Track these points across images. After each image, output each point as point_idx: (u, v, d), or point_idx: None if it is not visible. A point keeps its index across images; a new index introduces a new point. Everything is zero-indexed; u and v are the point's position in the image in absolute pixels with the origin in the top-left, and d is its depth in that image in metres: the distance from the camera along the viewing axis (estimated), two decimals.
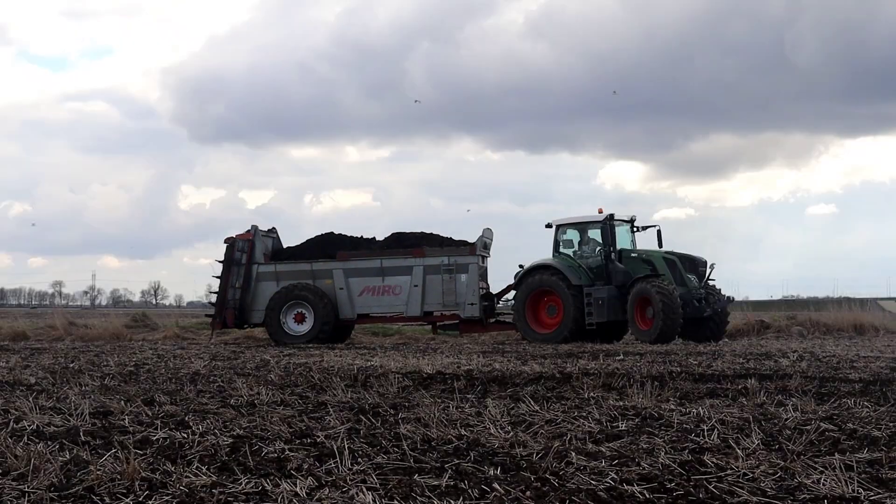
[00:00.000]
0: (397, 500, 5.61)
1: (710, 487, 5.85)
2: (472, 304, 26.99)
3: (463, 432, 7.91)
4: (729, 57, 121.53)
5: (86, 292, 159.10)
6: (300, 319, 27.71)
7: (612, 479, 6.08)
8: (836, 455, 6.84)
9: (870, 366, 15.39)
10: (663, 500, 5.63)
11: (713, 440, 7.49)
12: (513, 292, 27.46)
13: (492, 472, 6.30)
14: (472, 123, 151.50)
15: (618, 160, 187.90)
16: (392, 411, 9.43)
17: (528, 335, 26.31)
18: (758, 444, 7.29)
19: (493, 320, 27.94)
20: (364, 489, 5.79)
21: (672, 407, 9.56)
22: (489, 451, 7.10)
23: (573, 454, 6.87)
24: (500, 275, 35.87)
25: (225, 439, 7.62)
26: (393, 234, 28.90)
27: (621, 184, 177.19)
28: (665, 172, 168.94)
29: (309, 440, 7.65)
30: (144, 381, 13.34)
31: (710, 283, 26.60)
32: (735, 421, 8.53)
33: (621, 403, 9.91)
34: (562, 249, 27.24)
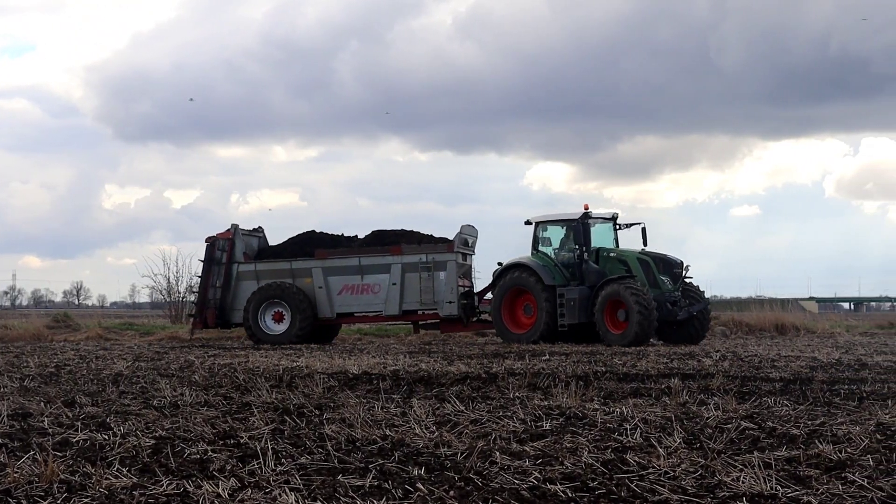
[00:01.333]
0: (320, 501, 5.59)
1: (632, 486, 5.90)
2: (450, 302, 26.34)
3: (388, 432, 7.90)
4: (655, 59, 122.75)
5: (6, 292, 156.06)
6: (279, 318, 27.33)
7: (536, 478, 6.11)
8: (756, 453, 6.93)
9: (790, 365, 15.64)
10: (586, 499, 5.67)
11: (636, 439, 7.56)
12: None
13: (416, 472, 6.29)
14: (400, 124, 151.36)
15: (545, 161, 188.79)
16: (317, 412, 9.39)
17: (504, 335, 25.65)
18: (679, 442, 7.37)
19: (475, 319, 27.26)
20: (287, 489, 5.76)
21: (596, 406, 9.63)
22: (414, 451, 7.09)
23: (497, 454, 6.89)
24: None
25: (147, 440, 7.53)
26: (373, 232, 28.42)
27: (549, 185, 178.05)
28: (592, 173, 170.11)
29: (232, 441, 7.59)
30: (65, 382, 13.15)
31: (690, 282, 25.64)
32: (658, 420, 8.62)
33: (546, 403, 9.97)
34: (540, 247, 26.25)
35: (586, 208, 25.86)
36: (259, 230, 29.54)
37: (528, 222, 26.60)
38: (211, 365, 16.30)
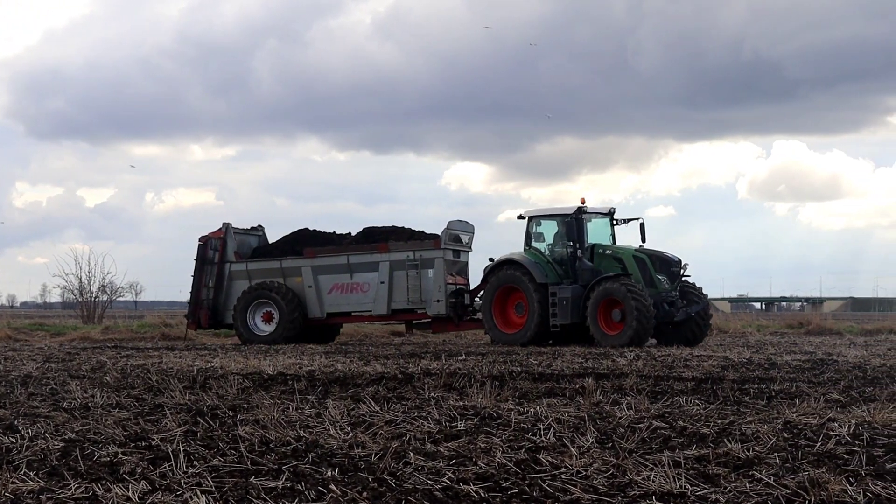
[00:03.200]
0: (232, 503, 5.55)
1: (545, 485, 5.95)
2: (437, 300, 25.37)
3: (302, 434, 7.87)
4: (573, 61, 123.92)
5: None
6: (267, 319, 26.67)
7: (450, 478, 6.12)
8: (667, 452, 7.03)
9: (702, 364, 15.87)
10: (499, 499, 5.70)
11: (549, 439, 7.62)
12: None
13: (329, 474, 6.28)
14: (318, 123, 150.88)
15: (463, 161, 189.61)
16: (230, 413, 9.32)
17: (495, 335, 24.58)
18: (592, 442, 7.45)
19: (467, 318, 26.04)
20: (199, 492, 5.71)
21: (511, 406, 9.68)
22: (328, 453, 7.07)
23: (412, 454, 6.89)
24: None
25: (56, 443, 7.41)
26: (364, 230, 27.62)
27: (466, 185, 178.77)
28: (510, 174, 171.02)
29: (144, 443, 7.50)
30: None
31: (688, 280, 24.47)
32: (571, 420, 8.69)
33: (461, 403, 10.00)
34: (534, 243, 24.93)
35: (582, 202, 24.57)
36: (258, 228, 28.96)
37: (521, 216, 25.32)
38: (123, 366, 16.09)
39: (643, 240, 24.74)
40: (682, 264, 24.37)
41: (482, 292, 25.20)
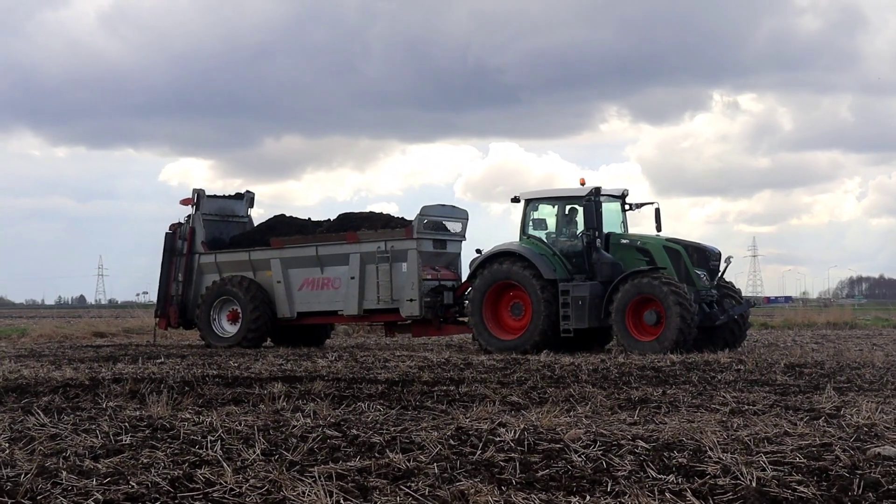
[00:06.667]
0: None
1: None
2: (410, 300, 22.05)
3: None
4: (305, 60, 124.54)
5: None
6: (233, 318, 23.81)
7: (96, 499, 5.88)
8: (331, 464, 6.98)
9: (400, 365, 16.01)
10: None
11: (215, 452, 7.41)
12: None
13: None
14: (34, 117, 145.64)
15: (185, 157, 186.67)
16: None
17: (486, 341, 20.60)
18: (257, 455, 7.30)
19: (453, 320, 22.55)
20: None
21: (188, 416, 9.41)
22: None
23: (65, 473, 6.58)
24: None
25: None
26: (340, 216, 24.45)
27: (188, 181, 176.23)
28: (234, 170, 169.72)
29: None
30: None
31: (724, 278, 21.19)
32: (244, 430, 8.49)
33: (138, 413, 9.67)
34: (532, 231, 21.14)
35: (583, 183, 21.13)
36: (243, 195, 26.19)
37: (515, 199, 21.60)
38: None
39: (658, 228, 21.37)
40: (726, 258, 21.21)
41: (469, 290, 21.36)
